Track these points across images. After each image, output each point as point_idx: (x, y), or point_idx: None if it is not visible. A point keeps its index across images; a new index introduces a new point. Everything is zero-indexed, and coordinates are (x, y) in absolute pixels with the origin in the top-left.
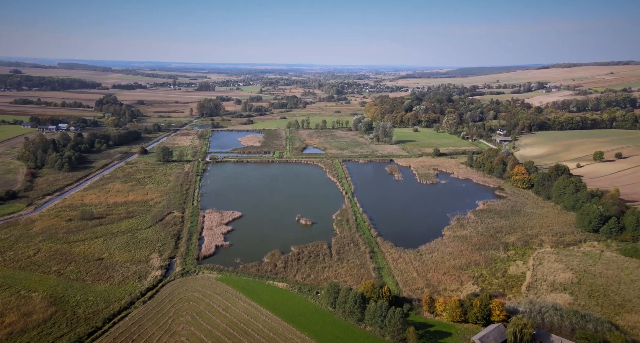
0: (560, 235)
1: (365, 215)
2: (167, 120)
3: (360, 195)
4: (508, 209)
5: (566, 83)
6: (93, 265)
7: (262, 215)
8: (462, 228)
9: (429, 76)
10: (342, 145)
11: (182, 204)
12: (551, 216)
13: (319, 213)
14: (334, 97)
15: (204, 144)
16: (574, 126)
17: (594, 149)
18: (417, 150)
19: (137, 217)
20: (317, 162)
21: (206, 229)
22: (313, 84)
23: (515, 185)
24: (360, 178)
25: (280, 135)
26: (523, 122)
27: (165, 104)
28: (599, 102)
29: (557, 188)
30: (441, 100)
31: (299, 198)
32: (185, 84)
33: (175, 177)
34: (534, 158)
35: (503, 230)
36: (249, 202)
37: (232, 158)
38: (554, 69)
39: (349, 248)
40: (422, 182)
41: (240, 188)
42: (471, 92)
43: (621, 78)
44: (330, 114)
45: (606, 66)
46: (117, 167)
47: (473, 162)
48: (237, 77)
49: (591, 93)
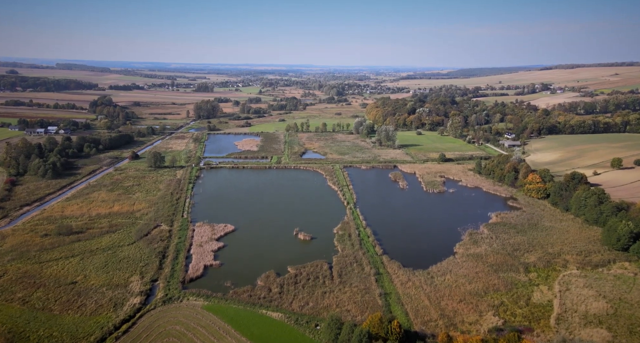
0: (586, 254)
1: (369, 229)
2: (163, 122)
3: (363, 206)
4: (524, 222)
5: (571, 84)
6: (64, 291)
7: (257, 229)
8: (475, 245)
9: (430, 77)
10: (343, 149)
11: (171, 216)
12: (573, 231)
13: (318, 226)
14: (334, 99)
15: (198, 148)
16: (586, 130)
17: (609, 154)
18: (421, 155)
19: (121, 231)
20: (316, 168)
21: (195, 246)
22: (313, 85)
23: (529, 194)
24: (363, 186)
25: (278, 139)
26: (532, 126)
27: (161, 106)
28: (607, 104)
29: (577, 200)
30: (444, 102)
31: (298, 208)
32: (183, 85)
33: (166, 185)
34: (545, 164)
35: (521, 248)
36: (243, 213)
37: (228, 163)
38: (557, 70)
39: (352, 269)
40: (429, 191)
41: (234, 197)
42: (474, 93)
43: (627, 79)
44: (330, 116)
45: (610, 67)
46: (106, 174)
47: (482, 169)
48: (237, 77)
49: (597, 95)
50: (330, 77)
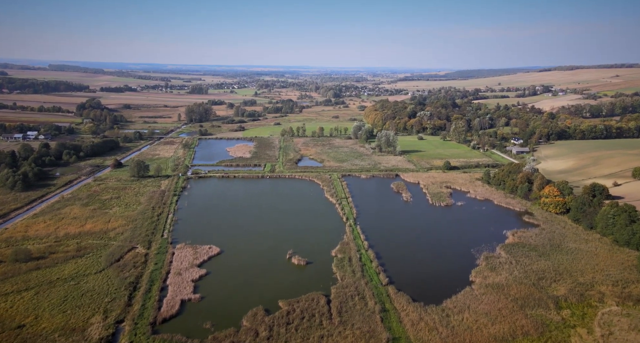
0: (623, 285)
1: (371, 252)
2: (152, 126)
3: (364, 222)
4: (545, 243)
5: (572, 86)
6: (6, 339)
7: (245, 251)
8: (493, 272)
9: (428, 78)
10: (341, 156)
11: (149, 236)
12: (602, 254)
13: (315, 248)
14: (332, 101)
15: (187, 155)
16: (597, 135)
17: (626, 162)
18: (424, 163)
19: (90, 255)
20: (313, 177)
21: (173, 274)
22: (310, 87)
23: (546, 209)
24: (363, 198)
25: (273, 144)
26: (540, 131)
27: (153, 108)
28: (614, 107)
29: (603, 217)
30: (446, 105)
31: (292, 226)
32: (177, 87)
33: (148, 198)
34: (558, 173)
35: (547, 276)
36: (231, 231)
37: (218, 172)
38: (557, 72)
39: (354, 304)
40: (435, 204)
41: (222, 212)
42: (474, 95)
43: (629, 81)
44: (327, 120)
45: (610, 69)
46: (83, 185)
47: (491, 179)
48: (232, 79)
49: (600, 97)
50: (327, 79)
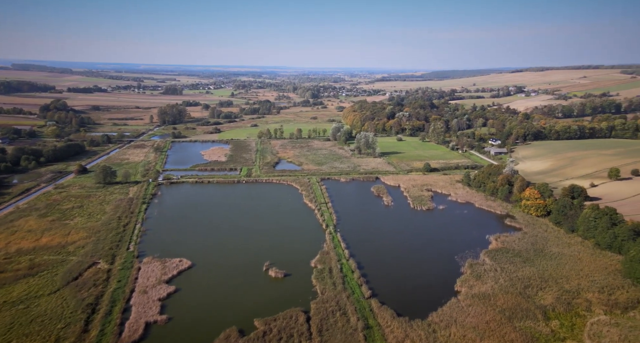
0: (609, 291)
1: (352, 261)
2: (122, 128)
3: (345, 229)
4: (528, 247)
5: (543, 87)
6: None
7: (218, 264)
8: (479, 280)
9: (405, 79)
10: (320, 159)
11: (113, 249)
12: (585, 259)
13: (293, 258)
14: (310, 101)
15: (159, 159)
16: (572, 135)
17: (602, 163)
18: (404, 165)
19: (44, 273)
20: (291, 181)
21: (138, 292)
22: (287, 87)
23: (527, 211)
24: (343, 203)
25: (249, 147)
26: (517, 131)
27: (124, 110)
28: (584, 108)
29: (585, 221)
30: (424, 105)
31: (269, 234)
32: (151, 87)
33: (114, 207)
34: (536, 174)
35: (533, 284)
36: (203, 242)
37: (191, 177)
38: (528, 73)
39: (335, 320)
40: (416, 208)
41: (195, 221)
42: (450, 96)
43: (596, 82)
44: (306, 121)
45: (578, 70)
46: (42, 193)
47: (471, 181)
48: (209, 79)
49: (570, 97)
50: (304, 79)
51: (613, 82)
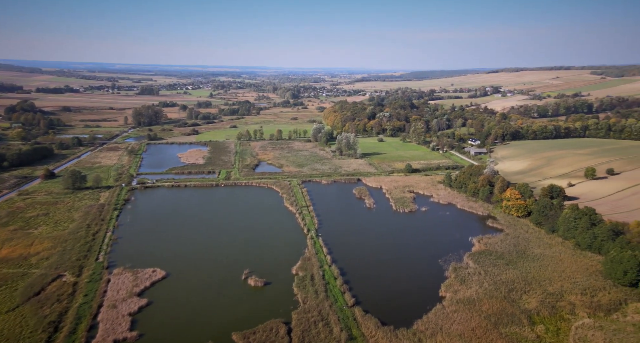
0: (592, 293)
1: (335, 268)
2: (95, 130)
3: (327, 233)
4: (511, 249)
5: (518, 87)
6: None
7: (195, 273)
8: (463, 284)
9: (384, 79)
10: (301, 160)
11: (80, 260)
12: (567, 260)
13: (273, 265)
14: (290, 102)
15: (133, 163)
16: (548, 135)
17: (577, 162)
18: (386, 166)
19: (2, 289)
20: (271, 184)
21: (106, 307)
22: (267, 88)
23: (508, 212)
24: (325, 206)
25: (228, 149)
26: (495, 131)
27: (97, 111)
28: (558, 108)
29: (565, 221)
30: (404, 106)
31: (248, 240)
32: (126, 87)
33: (83, 214)
34: (515, 174)
35: (517, 287)
36: (179, 250)
37: (167, 181)
38: (504, 73)
39: (317, 332)
40: (399, 210)
41: (170, 228)
42: (430, 96)
43: (568, 83)
44: (286, 121)
45: (550, 71)
46: (4, 200)
47: (452, 182)
48: (186, 80)
49: (545, 97)
50: (285, 79)
51: (584, 82)
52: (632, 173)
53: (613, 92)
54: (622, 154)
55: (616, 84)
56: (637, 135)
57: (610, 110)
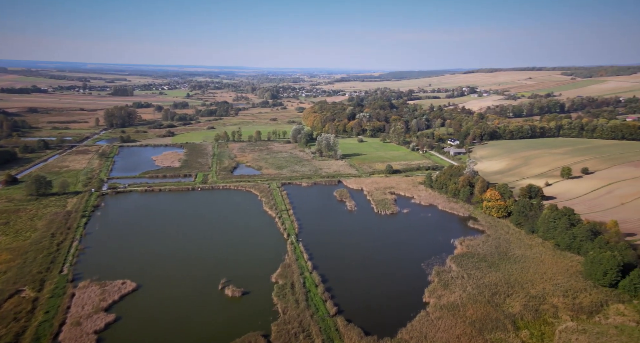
0: (573, 295)
1: (316, 275)
2: (63, 133)
3: (307, 238)
4: (493, 251)
5: (494, 88)
6: None
7: (168, 284)
8: (447, 289)
9: (363, 79)
10: (281, 162)
11: (42, 273)
12: (547, 261)
13: (252, 273)
14: (269, 102)
15: (104, 166)
16: (524, 135)
17: (553, 162)
18: (366, 167)
19: None
20: (250, 187)
21: (69, 325)
22: (246, 88)
23: (488, 213)
24: (305, 209)
25: (206, 151)
26: (474, 131)
27: (66, 112)
28: (532, 107)
29: (544, 221)
30: (383, 106)
31: (226, 247)
32: (98, 88)
33: (47, 222)
34: (494, 174)
35: (500, 291)
36: (152, 259)
37: (140, 185)
38: (479, 74)
39: None
40: (380, 213)
41: (142, 235)
42: (408, 96)
43: (541, 83)
44: (265, 122)
45: (524, 71)
46: None
47: (433, 183)
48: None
49: (519, 97)
50: (263, 79)
51: (555, 83)
52: (606, 173)
53: (583, 92)
54: (595, 153)
55: (586, 85)
56: (608, 135)
57: (581, 110)
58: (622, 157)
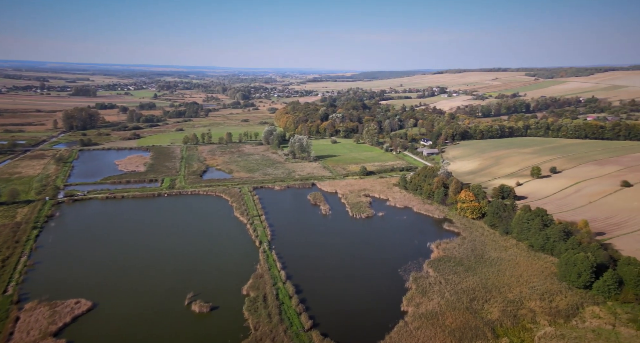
0: (550, 298)
1: (289, 285)
2: (16, 136)
3: (280, 245)
4: (469, 254)
5: (463, 88)
6: None
7: (128, 302)
8: (424, 296)
9: (336, 80)
10: (252, 165)
11: None
12: (522, 263)
13: (222, 285)
14: (240, 103)
15: (61, 172)
16: (494, 135)
17: (523, 161)
18: (340, 169)
19: None
20: (220, 192)
21: None
22: (216, 88)
23: (463, 214)
24: (278, 214)
25: (174, 154)
26: (446, 132)
27: (21, 114)
28: (500, 107)
29: (518, 222)
30: (356, 106)
31: (193, 258)
32: (58, 88)
33: None
34: (467, 174)
35: (478, 296)
36: (111, 274)
37: (101, 192)
38: (448, 74)
39: None
40: (355, 216)
41: (101, 247)
42: (380, 96)
43: (506, 83)
44: (236, 124)
45: (490, 72)
46: None
47: (407, 184)
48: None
49: (487, 97)
50: (235, 80)
51: (520, 83)
52: (572, 172)
53: (546, 93)
54: (562, 152)
55: (548, 85)
56: (573, 134)
57: (545, 110)
58: (587, 156)
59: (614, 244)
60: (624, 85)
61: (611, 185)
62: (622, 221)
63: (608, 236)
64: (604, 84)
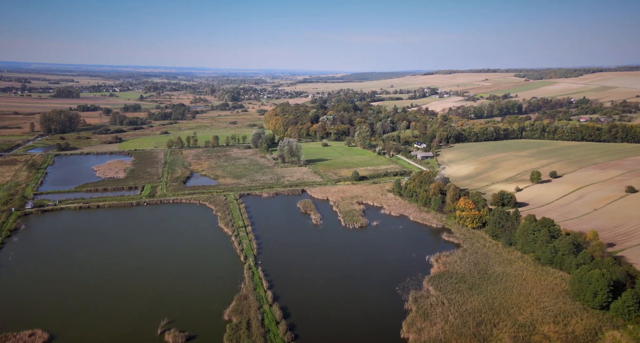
0: (564, 321)
1: (276, 308)
2: None
3: (267, 260)
4: (471, 269)
5: (453, 89)
6: None
7: (92, 332)
8: (426, 319)
9: (326, 81)
10: (239, 170)
11: None
12: (530, 278)
13: (201, 310)
14: (229, 105)
15: (33, 179)
16: (489, 137)
17: (520, 165)
18: (332, 174)
19: None
20: (204, 200)
21: None
22: (205, 90)
23: (462, 223)
24: (266, 224)
25: (157, 159)
26: (440, 134)
27: None
28: (492, 109)
29: (523, 233)
30: (347, 108)
31: (171, 277)
32: (39, 89)
33: None
34: (463, 179)
35: (485, 319)
36: (75, 299)
37: (74, 202)
38: (439, 75)
39: None
40: (348, 226)
41: (66, 266)
42: (371, 97)
43: (497, 84)
44: (224, 126)
45: (480, 73)
46: None
47: (402, 190)
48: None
49: (478, 98)
50: (224, 81)
51: (510, 84)
52: (573, 176)
53: (536, 94)
54: (560, 156)
55: (538, 86)
56: (569, 136)
57: (538, 111)
58: (586, 159)
59: (626, 257)
60: (613, 85)
61: (615, 190)
62: (631, 230)
63: (619, 248)
64: (593, 85)
